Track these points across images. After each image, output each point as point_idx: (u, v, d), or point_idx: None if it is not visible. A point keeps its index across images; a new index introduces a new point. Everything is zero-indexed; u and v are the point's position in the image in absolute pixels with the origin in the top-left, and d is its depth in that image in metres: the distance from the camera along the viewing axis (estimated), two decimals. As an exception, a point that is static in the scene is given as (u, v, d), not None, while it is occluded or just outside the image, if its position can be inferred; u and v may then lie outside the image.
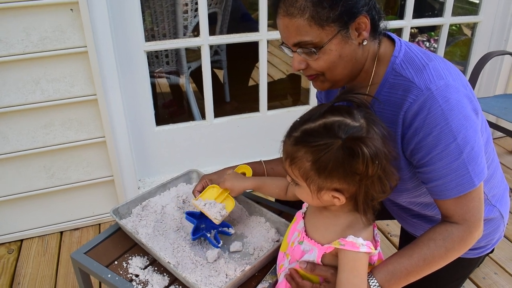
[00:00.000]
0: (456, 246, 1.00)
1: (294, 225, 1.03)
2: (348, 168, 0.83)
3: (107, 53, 1.86)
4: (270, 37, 2.23)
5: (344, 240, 0.89)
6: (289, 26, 0.97)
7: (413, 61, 1.01)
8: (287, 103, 3.51)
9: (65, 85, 1.83)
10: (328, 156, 0.83)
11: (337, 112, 0.87)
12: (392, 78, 1.03)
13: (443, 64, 1.01)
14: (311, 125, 0.87)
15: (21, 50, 1.72)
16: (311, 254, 0.94)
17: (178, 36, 2.59)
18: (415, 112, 0.96)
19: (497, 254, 1.97)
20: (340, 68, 1.01)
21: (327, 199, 0.89)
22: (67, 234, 2.14)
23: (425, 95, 0.95)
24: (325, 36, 0.95)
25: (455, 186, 0.97)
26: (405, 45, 1.06)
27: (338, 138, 0.83)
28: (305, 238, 0.97)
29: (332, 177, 0.85)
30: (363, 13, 0.96)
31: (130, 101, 2.09)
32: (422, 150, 0.98)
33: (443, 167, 0.97)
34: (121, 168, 2.10)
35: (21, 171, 1.95)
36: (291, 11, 0.95)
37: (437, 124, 0.94)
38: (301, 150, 0.86)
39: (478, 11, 2.66)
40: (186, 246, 1.17)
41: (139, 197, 1.32)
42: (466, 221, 1.00)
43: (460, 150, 0.95)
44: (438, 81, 0.95)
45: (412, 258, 0.99)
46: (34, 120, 1.86)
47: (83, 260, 1.17)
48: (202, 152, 2.37)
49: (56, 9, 1.70)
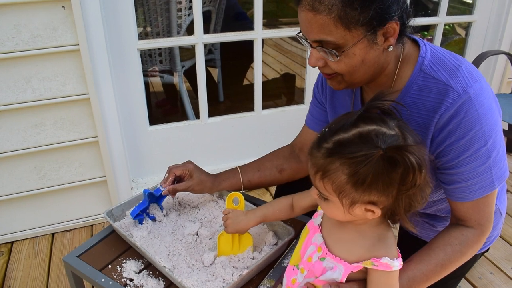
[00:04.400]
0: (470, 250, 1.01)
1: (309, 237, 0.96)
2: (387, 180, 0.77)
3: (100, 51, 1.82)
4: (265, 36, 2.21)
5: (378, 261, 0.83)
6: (312, 22, 0.90)
7: (444, 63, 0.98)
8: (281, 102, 3.50)
9: (57, 83, 1.80)
10: (368, 168, 0.76)
11: (370, 120, 0.81)
12: (421, 80, 0.99)
13: (472, 66, 0.99)
14: (344, 135, 0.80)
15: (12, 48, 1.68)
16: (335, 272, 0.88)
17: (172, 35, 2.56)
18: (451, 116, 0.94)
19: (493, 254, 1.98)
20: (361, 73, 0.96)
21: (359, 213, 0.82)
22: (58, 235, 2.11)
23: (463, 99, 0.92)
24: (350, 39, 0.89)
25: (478, 189, 0.97)
26: (429, 45, 1.02)
27: (377, 148, 0.76)
28: (328, 254, 0.90)
29: (370, 190, 0.78)
30: (394, 18, 0.90)
31: (123, 101, 2.06)
32: (452, 153, 0.96)
33: (470, 170, 0.96)
34: (114, 169, 2.07)
35: (11, 172, 1.91)
36: (317, 6, 0.88)
37: (472, 128, 0.93)
38: (336, 163, 0.79)
39: (473, 11, 2.66)
40: (182, 249, 1.14)
41: (133, 198, 1.29)
42: (481, 226, 1.01)
43: (489, 154, 0.95)
44: (474, 84, 0.93)
45: (430, 264, 0.98)
46: (24, 120, 1.83)
47: (76, 263, 1.14)
48: (196, 152, 2.34)
49: (47, 6, 1.67)
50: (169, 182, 1.25)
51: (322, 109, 1.30)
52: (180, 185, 1.25)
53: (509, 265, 1.93)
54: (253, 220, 1.11)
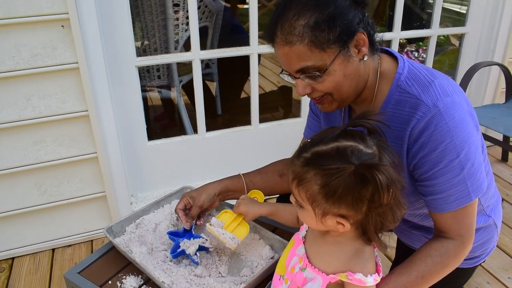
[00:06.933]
0: (451, 261, 1.02)
1: (293, 249, 1.00)
2: (357, 195, 0.81)
3: (99, 69, 1.86)
4: (261, 51, 2.25)
5: (352, 276, 0.86)
6: (289, 54, 0.97)
7: (418, 78, 1.03)
8: (279, 115, 3.53)
9: (57, 101, 1.83)
10: (339, 181, 0.80)
11: (350, 136, 0.85)
12: (398, 95, 1.04)
13: (447, 81, 1.03)
14: (323, 147, 0.84)
15: (12, 67, 1.72)
16: (314, 283, 0.91)
17: (169, 51, 2.59)
18: (421, 129, 0.98)
19: (490, 264, 1.99)
20: (346, 87, 1.01)
21: (330, 224, 0.86)
22: (59, 251, 2.12)
23: (433, 112, 0.97)
24: (328, 58, 0.96)
25: (454, 200, 1.00)
26: (408, 62, 1.07)
27: (350, 163, 0.80)
28: (308, 265, 0.94)
29: (340, 203, 0.82)
30: (359, 30, 0.97)
31: (122, 117, 2.09)
32: (426, 165, 1.00)
33: (444, 182, 0.99)
34: (114, 184, 2.09)
35: (12, 188, 1.93)
36: (290, 39, 0.95)
37: (443, 141, 0.96)
38: (311, 172, 0.83)
39: (465, 22, 2.71)
40: (180, 264, 1.16)
41: (132, 215, 1.32)
42: (461, 236, 1.02)
43: (462, 166, 0.97)
44: (444, 99, 0.97)
45: (410, 276, 1.00)
46: (25, 137, 1.85)
47: (77, 280, 1.16)
48: (194, 166, 2.36)
49: (47, 26, 1.70)
50: (183, 218, 1.26)
51: (319, 122, 1.34)
52: (192, 211, 1.27)
53: (506, 274, 1.94)
54: (264, 209, 1.18)
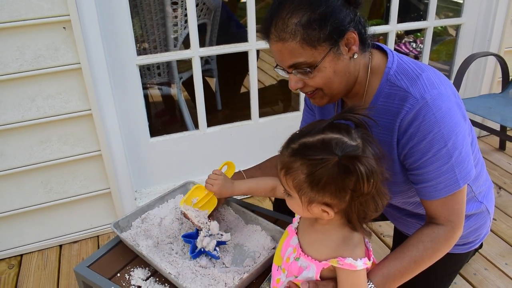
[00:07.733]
0: (442, 246, 1.07)
1: (287, 240, 1.05)
2: (340, 185, 0.86)
3: (100, 68, 1.89)
4: (259, 47, 2.28)
5: (343, 261, 0.92)
6: (282, 50, 1.02)
7: (407, 72, 1.07)
8: (278, 109, 3.56)
9: (60, 101, 1.87)
10: (323, 171, 0.85)
11: (336, 129, 0.90)
12: (388, 88, 1.08)
13: (434, 73, 1.07)
14: (309, 139, 0.89)
15: (16, 69, 1.75)
16: (309, 271, 0.96)
17: (169, 48, 2.63)
18: (410, 120, 1.03)
19: (487, 250, 2.03)
20: (337, 83, 1.06)
21: (316, 212, 0.91)
22: (66, 247, 2.17)
23: (420, 104, 1.01)
24: (318, 55, 1.01)
25: (443, 187, 1.04)
26: (397, 56, 1.12)
27: (334, 155, 0.85)
28: (301, 254, 0.99)
29: (324, 192, 0.87)
30: (350, 29, 1.01)
31: (124, 114, 2.13)
32: (415, 155, 1.05)
33: (433, 170, 1.04)
34: (118, 181, 2.13)
35: (19, 187, 1.98)
36: (283, 36, 1.00)
37: (430, 131, 1.01)
38: (297, 162, 0.88)
39: (461, 13, 2.73)
40: (185, 256, 1.21)
41: (138, 210, 1.36)
42: (451, 222, 1.07)
43: (450, 155, 1.02)
44: (431, 91, 1.02)
45: (404, 261, 1.05)
46: (30, 137, 1.90)
47: (87, 273, 1.21)
48: (196, 161, 2.41)
49: (49, 28, 1.74)
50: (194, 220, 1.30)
51: (314, 115, 1.38)
52: None
53: (503, 261, 1.97)
54: (237, 190, 1.26)
